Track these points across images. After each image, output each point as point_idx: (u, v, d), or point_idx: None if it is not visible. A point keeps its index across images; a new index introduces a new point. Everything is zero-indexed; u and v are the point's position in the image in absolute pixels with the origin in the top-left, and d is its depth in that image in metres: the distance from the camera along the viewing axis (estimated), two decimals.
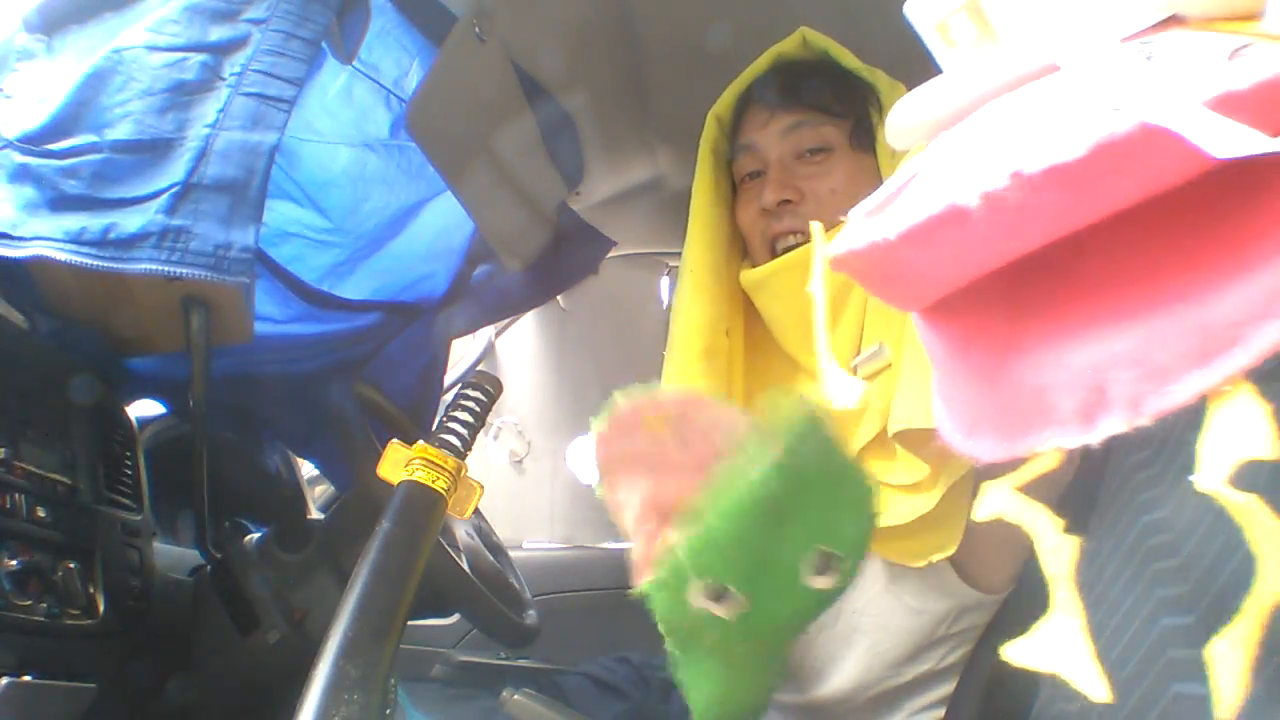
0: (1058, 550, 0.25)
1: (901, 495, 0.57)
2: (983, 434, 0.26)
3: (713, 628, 0.40)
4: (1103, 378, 0.22)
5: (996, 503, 0.26)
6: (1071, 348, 0.23)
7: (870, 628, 0.63)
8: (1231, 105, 0.18)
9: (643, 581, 0.39)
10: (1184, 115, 0.18)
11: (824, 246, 0.28)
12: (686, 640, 0.41)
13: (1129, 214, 0.21)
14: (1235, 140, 0.17)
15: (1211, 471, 0.19)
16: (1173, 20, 0.21)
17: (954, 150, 0.24)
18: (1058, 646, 0.25)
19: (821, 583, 0.41)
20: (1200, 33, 0.20)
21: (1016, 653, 0.26)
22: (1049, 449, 0.24)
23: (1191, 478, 0.20)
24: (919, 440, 0.53)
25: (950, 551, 0.56)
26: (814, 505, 0.39)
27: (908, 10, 0.27)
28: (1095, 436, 0.22)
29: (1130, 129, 0.19)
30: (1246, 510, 0.19)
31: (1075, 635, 0.25)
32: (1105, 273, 0.24)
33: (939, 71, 0.28)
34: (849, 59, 0.68)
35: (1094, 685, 0.24)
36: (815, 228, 0.31)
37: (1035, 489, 0.26)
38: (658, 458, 0.42)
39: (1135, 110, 0.19)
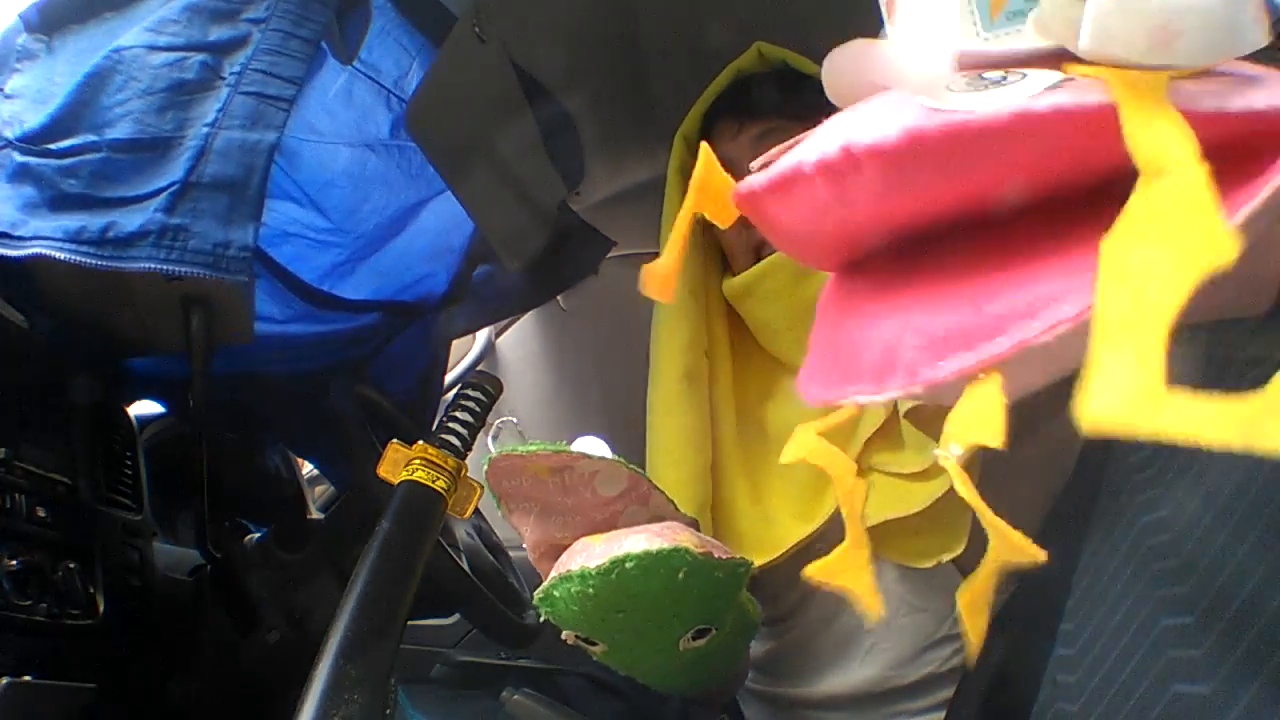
0: (853, 492, 0.29)
1: (912, 484, 0.56)
2: (812, 381, 0.29)
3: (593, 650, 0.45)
4: (896, 344, 0.25)
5: (802, 444, 0.30)
6: (886, 315, 0.26)
7: (873, 627, 0.63)
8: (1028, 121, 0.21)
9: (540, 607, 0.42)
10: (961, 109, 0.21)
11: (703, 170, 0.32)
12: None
13: (1007, 214, 0.25)
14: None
15: (950, 448, 0.22)
16: (1055, 60, 0.24)
17: (823, 128, 0.27)
18: (847, 569, 0.29)
19: (695, 644, 0.43)
20: (1050, 72, 0.23)
21: (814, 572, 0.30)
22: (850, 402, 0.27)
23: (935, 451, 0.23)
24: (929, 417, 0.54)
25: (958, 552, 0.56)
26: (684, 595, 0.41)
27: None
28: (883, 396, 0.25)
29: (935, 124, 0.22)
30: (972, 499, 0.22)
31: (862, 562, 0.29)
32: (954, 260, 0.26)
33: None
34: (807, 66, 0.70)
35: (872, 606, 0.29)
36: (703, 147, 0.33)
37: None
38: (542, 498, 0.44)
39: (949, 113, 0.22)
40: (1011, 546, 0.22)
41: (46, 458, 0.59)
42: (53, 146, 0.54)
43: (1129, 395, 0.18)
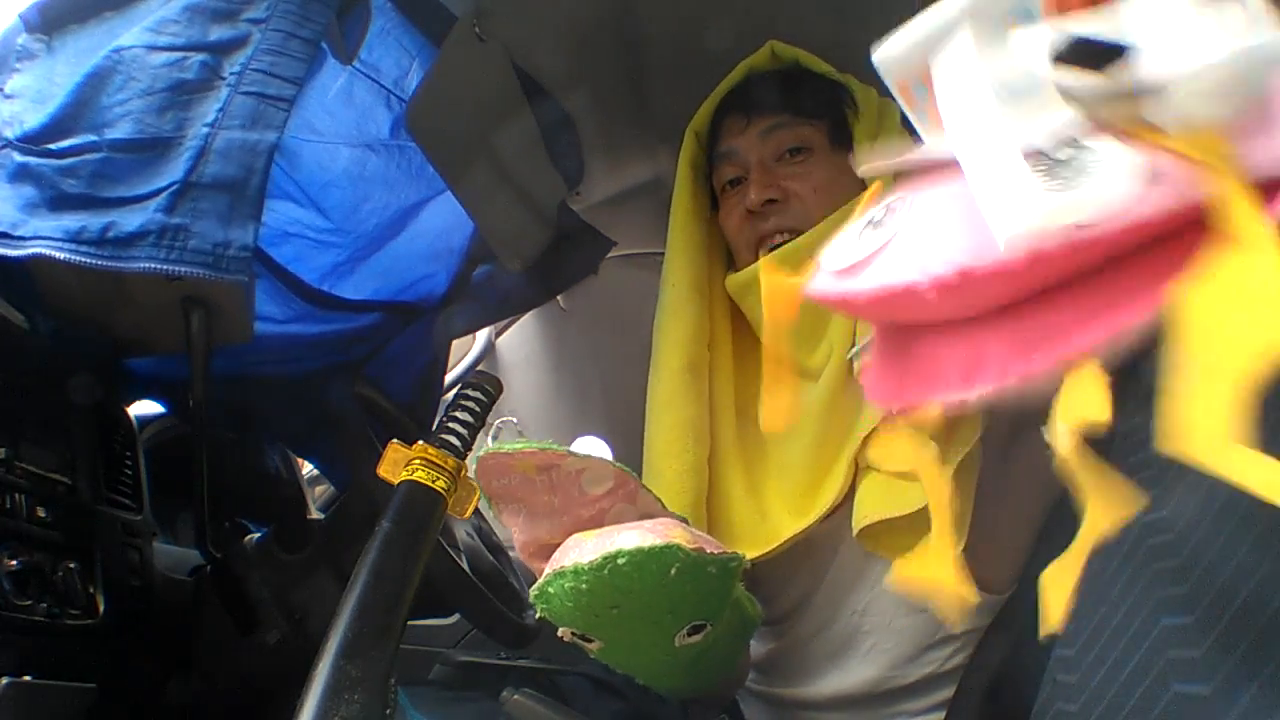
0: (938, 481, 0.30)
1: (910, 483, 0.56)
2: (886, 389, 0.31)
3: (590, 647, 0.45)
4: (981, 346, 0.27)
5: (894, 450, 0.32)
6: (966, 328, 0.27)
7: (873, 627, 0.63)
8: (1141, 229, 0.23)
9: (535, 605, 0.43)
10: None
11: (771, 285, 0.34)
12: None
13: None
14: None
15: (1061, 430, 0.24)
16: (1098, 125, 0.25)
17: (913, 232, 0.28)
18: (934, 564, 0.30)
19: (691, 640, 0.43)
20: (1119, 146, 0.24)
21: (901, 569, 0.31)
22: (935, 403, 0.28)
23: (1045, 433, 0.24)
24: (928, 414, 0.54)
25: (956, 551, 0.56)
26: (678, 591, 0.41)
27: (876, 62, 0.30)
28: (973, 394, 0.26)
29: (1058, 245, 0.23)
30: (1082, 465, 0.24)
31: (949, 556, 0.30)
32: None
33: None
34: (819, 65, 0.70)
35: (968, 593, 0.29)
36: (763, 272, 0.34)
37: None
38: (531, 497, 0.44)
39: (1057, 225, 0.23)
40: (1112, 497, 0.24)
41: (46, 458, 0.59)
42: (53, 146, 0.54)
43: (1204, 438, 0.21)
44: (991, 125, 0.25)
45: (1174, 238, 0.23)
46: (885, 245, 0.28)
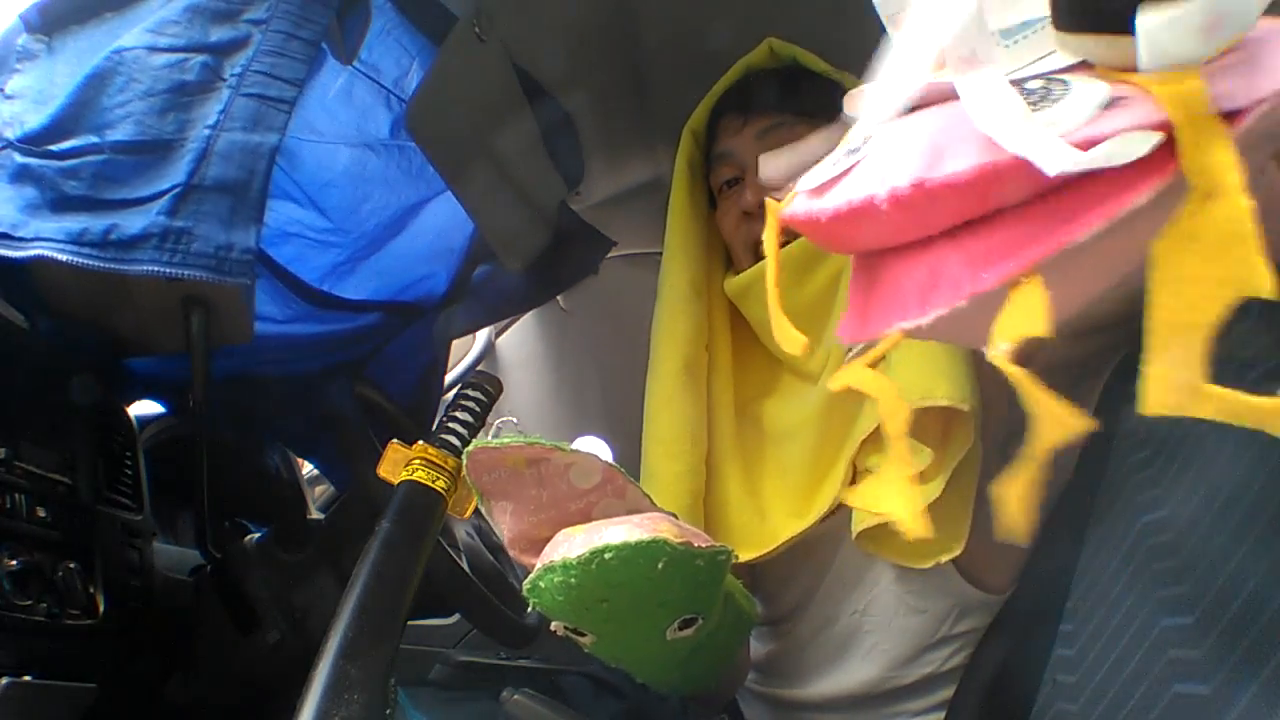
0: (895, 412, 0.30)
1: (910, 485, 0.56)
2: (852, 322, 0.31)
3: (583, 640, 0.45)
4: (939, 267, 0.27)
5: (850, 375, 0.31)
6: (926, 248, 0.28)
7: (872, 627, 0.63)
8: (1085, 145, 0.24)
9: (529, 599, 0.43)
10: (1037, 145, 0.23)
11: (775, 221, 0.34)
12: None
13: None
14: (1063, 160, 0.23)
15: (1000, 345, 0.23)
16: (1084, 65, 0.26)
17: (879, 153, 0.28)
18: (889, 491, 0.31)
19: (683, 634, 0.44)
20: (1096, 81, 0.25)
21: (858, 498, 0.31)
22: (895, 330, 0.28)
23: (985, 351, 0.24)
24: (923, 420, 0.54)
25: (956, 552, 0.56)
26: (666, 585, 0.41)
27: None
28: (929, 318, 0.26)
29: (1008, 160, 0.24)
30: (1019, 379, 0.24)
31: (904, 484, 0.30)
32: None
33: None
34: (816, 63, 0.70)
35: (918, 527, 0.30)
36: (769, 203, 0.35)
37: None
38: (519, 491, 0.45)
39: (1011, 144, 0.24)
40: (1056, 419, 0.24)
41: (46, 458, 0.59)
42: (54, 148, 0.54)
43: (1179, 388, 0.22)
44: (988, 58, 0.26)
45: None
46: (854, 166, 0.29)
